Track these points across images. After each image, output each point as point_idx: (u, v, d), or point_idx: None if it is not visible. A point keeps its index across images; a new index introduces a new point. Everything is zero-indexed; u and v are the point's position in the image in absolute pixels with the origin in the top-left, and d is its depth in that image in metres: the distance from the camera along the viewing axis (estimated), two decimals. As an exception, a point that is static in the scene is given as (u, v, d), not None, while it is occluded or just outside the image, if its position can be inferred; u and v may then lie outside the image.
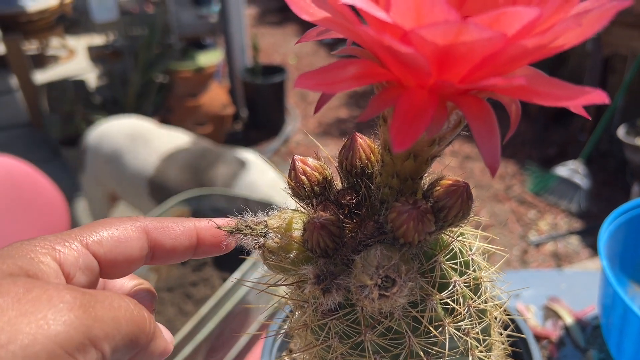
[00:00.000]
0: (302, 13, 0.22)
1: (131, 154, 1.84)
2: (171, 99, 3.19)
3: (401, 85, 0.22)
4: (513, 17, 0.17)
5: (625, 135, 2.58)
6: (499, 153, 0.20)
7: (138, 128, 1.95)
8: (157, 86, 3.13)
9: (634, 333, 0.63)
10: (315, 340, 0.30)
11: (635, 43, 2.62)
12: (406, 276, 0.25)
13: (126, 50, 3.12)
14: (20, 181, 1.19)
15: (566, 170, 2.71)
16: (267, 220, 0.29)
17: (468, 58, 0.18)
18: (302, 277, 0.28)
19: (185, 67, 3.08)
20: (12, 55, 3.48)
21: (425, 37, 0.18)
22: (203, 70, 3.11)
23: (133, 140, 1.88)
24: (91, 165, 1.98)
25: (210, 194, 1.29)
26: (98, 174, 1.99)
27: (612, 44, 2.76)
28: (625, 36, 2.68)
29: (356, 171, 0.30)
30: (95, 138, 1.97)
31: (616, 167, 3.02)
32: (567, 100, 0.19)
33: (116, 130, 1.95)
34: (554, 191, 2.78)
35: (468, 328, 0.30)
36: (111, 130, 1.95)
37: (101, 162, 1.94)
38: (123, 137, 1.89)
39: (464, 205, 0.27)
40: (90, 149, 1.97)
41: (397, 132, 0.19)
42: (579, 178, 2.66)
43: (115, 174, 1.89)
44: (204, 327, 0.90)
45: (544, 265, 2.42)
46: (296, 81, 0.19)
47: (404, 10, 0.18)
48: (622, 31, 2.69)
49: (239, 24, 3.30)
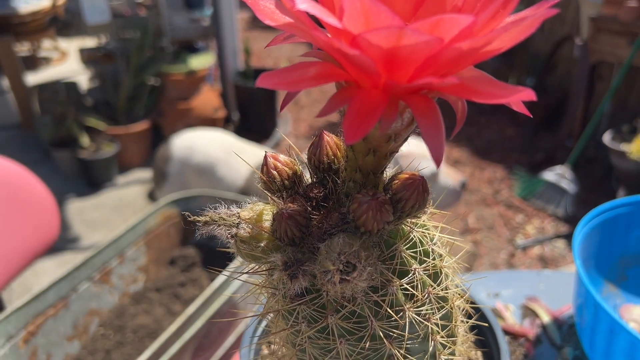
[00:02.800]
0: (266, 19, 0.24)
1: (226, 166, 1.91)
2: (163, 102, 3.20)
3: (357, 85, 0.24)
4: (450, 23, 0.19)
5: (611, 141, 2.62)
6: (443, 147, 0.22)
7: (229, 141, 2.03)
8: (148, 89, 3.15)
9: (605, 330, 0.65)
10: (285, 325, 0.32)
11: (621, 51, 2.67)
12: (365, 262, 0.27)
13: (118, 53, 3.13)
14: (11, 181, 1.20)
15: (553, 175, 2.75)
16: (239, 212, 0.31)
17: (411, 60, 0.20)
18: (271, 264, 0.30)
19: (177, 70, 3.09)
20: (3, 56, 3.48)
21: (370, 41, 0.20)
22: (195, 74, 3.13)
23: (227, 153, 1.95)
24: (178, 175, 2.04)
25: (198, 196, 1.30)
26: (185, 184, 2.02)
27: (599, 51, 2.80)
28: (612, 44, 2.72)
29: (323, 166, 0.32)
30: (183, 150, 2.03)
31: (602, 172, 3.07)
32: (502, 98, 0.21)
33: (208, 142, 2.01)
34: (541, 196, 2.81)
35: (429, 314, 0.32)
36: (202, 143, 2.02)
37: (191, 172, 1.99)
38: (217, 149, 1.96)
39: (420, 197, 0.29)
40: (177, 160, 2.02)
41: (348, 127, 0.21)
42: (566, 183, 2.70)
43: (207, 184, 1.95)
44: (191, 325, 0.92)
45: (531, 268, 2.45)
46: (258, 80, 0.21)
47: (354, 16, 0.20)
48: (609, 39, 2.74)
49: (231, 28, 3.32)
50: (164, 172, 2.07)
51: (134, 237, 1.20)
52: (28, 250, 1.20)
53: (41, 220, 1.26)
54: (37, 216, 1.26)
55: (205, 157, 1.96)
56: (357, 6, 0.20)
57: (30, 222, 1.23)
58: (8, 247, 1.16)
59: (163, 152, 2.12)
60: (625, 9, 2.61)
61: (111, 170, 3.00)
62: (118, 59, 3.15)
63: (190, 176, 2.00)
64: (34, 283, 2.26)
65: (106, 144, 2.97)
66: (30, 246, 1.21)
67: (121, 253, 1.17)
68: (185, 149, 2.03)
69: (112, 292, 1.15)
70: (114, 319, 1.13)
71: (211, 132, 2.12)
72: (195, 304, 0.93)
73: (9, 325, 0.93)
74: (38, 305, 0.99)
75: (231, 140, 2.05)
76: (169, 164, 2.05)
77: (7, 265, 1.14)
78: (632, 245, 0.84)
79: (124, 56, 3.13)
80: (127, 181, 3.08)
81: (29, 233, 1.23)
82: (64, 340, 1.04)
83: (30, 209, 1.24)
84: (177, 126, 3.18)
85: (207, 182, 1.96)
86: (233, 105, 3.52)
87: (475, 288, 0.92)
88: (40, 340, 0.98)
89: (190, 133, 2.13)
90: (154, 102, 3.22)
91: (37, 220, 1.25)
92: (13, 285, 2.07)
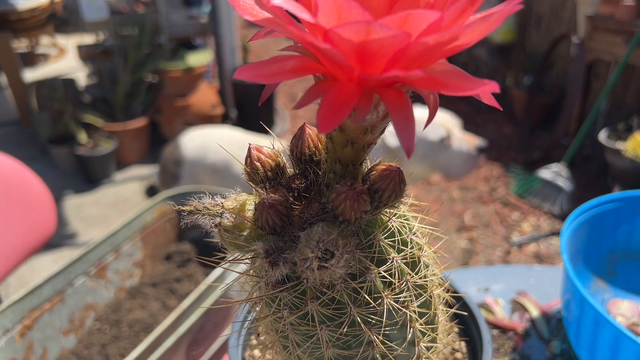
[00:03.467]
0: (245, 14, 0.25)
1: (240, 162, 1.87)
2: (160, 99, 3.21)
3: (334, 78, 0.25)
4: (418, 19, 0.20)
5: (606, 139, 2.63)
6: (414, 138, 0.23)
7: (240, 137, 1.99)
8: (146, 86, 3.15)
9: (590, 324, 0.66)
10: (269, 312, 0.32)
11: (617, 49, 2.68)
12: (343, 249, 0.28)
13: (116, 50, 3.14)
14: (8, 177, 1.21)
15: (549, 173, 2.76)
16: (223, 202, 0.32)
17: (381, 53, 0.21)
18: (254, 253, 0.31)
19: (175, 67, 3.09)
20: (1, 53, 3.48)
21: (341, 35, 0.21)
22: (193, 71, 3.13)
23: (241, 149, 1.92)
24: (190, 176, 2.00)
25: (195, 191, 1.31)
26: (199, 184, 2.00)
27: (596, 49, 2.81)
28: (608, 42, 2.73)
29: (305, 158, 0.33)
30: (195, 150, 1.99)
31: (598, 170, 3.08)
32: (468, 90, 0.22)
33: (220, 140, 1.98)
34: (537, 193, 2.82)
35: (407, 301, 0.33)
36: (212, 142, 1.98)
37: (205, 173, 1.96)
38: (231, 147, 1.93)
39: (397, 187, 0.30)
40: (190, 161, 1.99)
41: (322, 117, 0.22)
42: (562, 181, 2.71)
43: (222, 182, 1.93)
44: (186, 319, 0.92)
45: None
46: (236, 72, 0.22)
47: (327, 12, 0.21)
48: (605, 37, 2.75)
49: (229, 25, 3.33)
50: (175, 175, 2.03)
51: (130, 232, 1.21)
52: (24, 246, 1.21)
53: (38, 215, 1.27)
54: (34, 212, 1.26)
55: (218, 155, 1.93)
56: (330, 2, 0.20)
57: (26, 218, 1.24)
58: (4, 242, 1.16)
59: (172, 153, 2.06)
60: (621, 7, 2.62)
61: (109, 167, 3.01)
62: (116, 56, 3.15)
63: (203, 176, 1.97)
64: (30, 279, 2.27)
65: (104, 140, 2.98)
66: (26, 242, 1.22)
67: (117, 248, 1.18)
68: (197, 149, 1.99)
69: (108, 287, 1.16)
70: (109, 313, 1.14)
71: (219, 129, 2.09)
72: (190, 298, 0.94)
73: (5, 319, 0.93)
74: (34, 300, 0.99)
75: (242, 135, 2.02)
76: (180, 166, 2.00)
77: (4, 261, 1.15)
78: (620, 241, 0.85)
79: (121, 53, 3.13)
80: (125, 178, 3.09)
81: (25, 229, 1.23)
82: (60, 334, 1.05)
83: (26, 204, 1.25)
84: (175, 123, 3.19)
85: (221, 180, 1.93)
86: (231, 102, 3.53)
87: (466, 283, 0.93)
88: (36, 334, 0.99)
89: (198, 131, 2.08)
90: (151, 99, 3.23)
91: (34, 215, 1.26)
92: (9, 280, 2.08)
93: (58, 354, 1.04)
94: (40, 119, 3.04)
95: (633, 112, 2.93)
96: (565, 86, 3.47)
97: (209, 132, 2.06)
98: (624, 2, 2.60)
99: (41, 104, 3.11)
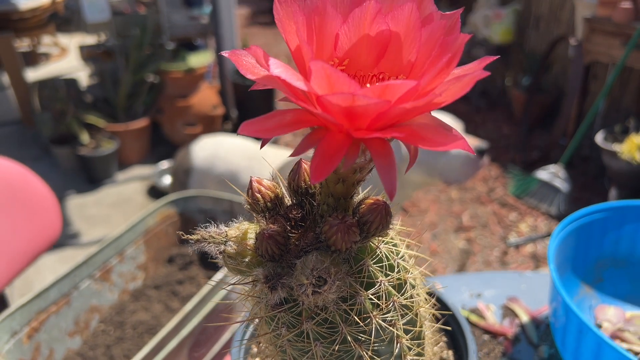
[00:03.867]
0: (248, 73, 0.28)
1: (250, 173, 1.86)
2: (162, 99, 3.24)
3: (326, 129, 0.28)
4: (395, 88, 0.24)
5: (603, 141, 2.66)
6: (395, 182, 0.26)
7: (249, 147, 2.00)
8: (148, 86, 3.18)
9: (574, 331, 0.69)
10: (268, 329, 0.36)
11: (615, 51, 2.70)
12: (335, 277, 0.31)
13: (118, 50, 3.17)
14: (14, 182, 1.24)
15: (547, 174, 2.79)
16: (227, 230, 0.35)
17: (366, 115, 0.25)
18: (255, 278, 0.34)
19: (176, 68, 3.12)
20: (3, 52, 3.51)
21: (331, 101, 0.24)
22: (194, 71, 3.16)
23: (249, 159, 1.94)
24: (198, 186, 2.01)
25: (197, 196, 1.35)
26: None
27: (593, 51, 2.84)
28: (606, 44, 2.76)
29: (301, 191, 0.36)
30: (205, 160, 2.00)
31: (596, 171, 3.11)
32: (443, 145, 0.25)
33: (229, 150, 1.99)
34: (534, 194, 2.85)
35: (394, 320, 0.36)
36: (224, 151, 1.99)
37: (213, 182, 1.97)
38: (239, 157, 1.95)
39: (383, 220, 0.33)
40: (199, 171, 2.00)
41: (314, 169, 0.25)
42: (559, 182, 2.74)
43: (231, 192, 1.94)
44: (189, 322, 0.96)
45: (523, 266, 2.50)
46: (240, 128, 0.25)
47: (319, 80, 0.24)
48: (603, 39, 2.77)
49: (229, 26, 3.35)
50: (184, 184, 2.04)
51: (134, 236, 1.24)
52: (31, 249, 1.25)
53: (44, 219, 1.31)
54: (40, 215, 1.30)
55: (227, 165, 1.94)
56: (321, 72, 0.24)
57: (33, 221, 1.27)
58: (12, 245, 1.20)
59: (183, 162, 2.08)
60: (619, 10, 2.64)
61: (111, 167, 3.04)
62: (117, 57, 3.18)
63: (211, 186, 1.98)
64: (34, 279, 2.30)
65: (106, 141, 3.01)
66: (33, 245, 1.25)
67: (121, 252, 1.21)
68: (207, 158, 2.00)
69: (112, 289, 1.19)
70: (114, 315, 1.17)
71: (230, 138, 2.09)
72: (193, 301, 0.97)
73: (13, 321, 0.97)
74: (41, 303, 1.02)
75: (251, 145, 2.03)
76: (190, 175, 2.02)
77: (12, 264, 1.18)
78: (608, 249, 0.89)
79: (123, 54, 3.16)
80: (127, 178, 3.12)
81: (32, 232, 1.27)
82: (65, 336, 1.08)
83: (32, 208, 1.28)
84: (176, 123, 3.22)
85: (229, 191, 1.94)
86: (231, 103, 3.56)
87: (459, 288, 0.96)
88: (43, 336, 1.02)
89: (209, 140, 2.09)
90: (153, 100, 3.26)
91: (40, 219, 1.29)
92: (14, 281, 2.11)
93: (64, 355, 1.07)
94: (42, 119, 3.07)
95: (630, 114, 2.96)
96: (564, 86, 3.50)
97: (220, 141, 2.07)
98: (621, 5, 2.62)
99: (43, 104, 3.15)
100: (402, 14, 0.28)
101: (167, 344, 0.90)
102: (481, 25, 3.79)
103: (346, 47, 0.29)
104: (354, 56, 0.29)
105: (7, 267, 1.17)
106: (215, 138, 2.11)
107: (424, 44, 0.27)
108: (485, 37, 3.77)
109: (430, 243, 2.61)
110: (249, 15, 6.91)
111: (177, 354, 0.94)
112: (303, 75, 0.28)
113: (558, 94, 3.55)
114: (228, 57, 0.28)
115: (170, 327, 0.92)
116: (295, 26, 0.27)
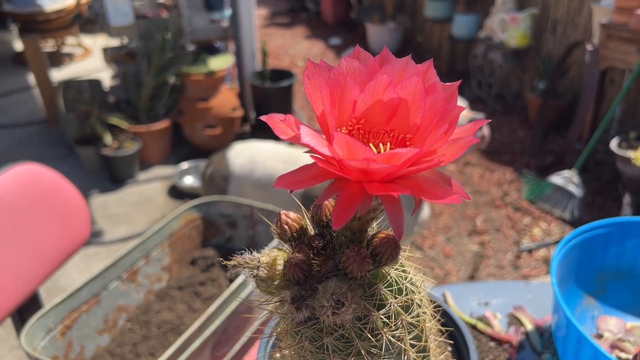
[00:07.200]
0: (281, 134, 0.34)
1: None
2: (183, 102, 3.32)
3: (346, 179, 0.34)
4: (401, 156, 0.29)
5: (617, 147, 2.68)
6: (402, 225, 0.32)
7: (284, 151, 2.08)
8: (169, 88, 3.26)
9: (574, 341, 0.74)
10: (293, 342, 0.42)
11: (630, 58, 2.71)
12: (351, 300, 0.37)
13: (140, 53, 3.25)
14: (48, 187, 1.32)
15: (561, 179, 2.81)
16: (259, 257, 0.41)
17: (378, 174, 0.30)
18: (282, 298, 0.40)
19: (197, 71, 3.20)
20: (29, 53, 3.61)
21: (350, 165, 0.29)
22: (214, 74, 3.23)
23: (284, 162, 2.01)
24: (237, 191, 2.07)
25: (218, 201, 1.41)
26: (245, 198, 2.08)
27: (609, 57, 2.85)
28: (621, 51, 2.77)
29: (323, 223, 0.42)
30: (243, 166, 2.06)
31: (610, 176, 3.12)
32: (441, 198, 0.31)
33: (266, 155, 2.06)
34: (548, 199, 2.88)
35: (402, 335, 0.42)
36: (261, 157, 2.06)
37: (251, 188, 2.04)
38: (275, 161, 2.02)
39: (393, 252, 0.39)
40: (238, 177, 2.06)
41: (336, 217, 0.31)
42: (573, 187, 2.76)
43: (266, 198, 2.01)
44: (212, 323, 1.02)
45: (536, 270, 2.53)
46: (275, 183, 0.31)
47: (340, 145, 0.30)
48: (619, 46, 2.78)
49: (249, 29, 3.42)
50: (222, 190, 2.09)
51: (159, 239, 1.31)
52: (63, 250, 1.32)
53: (74, 221, 1.38)
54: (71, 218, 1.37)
55: (265, 170, 2.00)
56: (342, 140, 0.29)
57: (65, 224, 1.34)
58: (46, 246, 1.27)
59: (220, 169, 2.12)
60: (635, 17, 2.65)
61: (133, 167, 3.14)
62: (140, 59, 3.26)
63: (249, 191, 2.03)
64: (60, 274, 2.39)
65: (128, 141, 3.10)
66: (65, 246, 1.33)
67: (147, 254, 1.28)
68: (244, 165, 2.05)
69: (138, 290, 1.26)
70: (140, 314, 1.24)
71: (263, 143, 2.15)
72: (216, 303, 1.03)
73: (48, 320, 1.04)
74: (73, 302, 1.09)
75: (284, 149, 2.09)
76: (228, 181, 2.07)
77: (46, 264, 1.26)
78: (610, 262, 0.93)
79: (145, 56, 3.25)
80: (148, 177, 3.21)
81: (64, 234, 1.34)
82: (95, 334, 1.15)
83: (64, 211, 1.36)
84: (196, 125, 3.30)
85: (266, 195, 2.00)
86: (250, 105, 3.63)
87: (468, 297, 1.01)
88: (75, 333, 1.09)
89: (244, 146, 2.14)
90: (174, 102, 3.34)
91: (71, 221, 1.37)
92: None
93: (94, 351, 1.14)
94: (67, 121, 3.17)
95: (646, 120, 2.96)
96: (579, 91, 3.50)
97: (257, 147, 2.12)
98: (638, 12, 2.63)
99: (68, 106, 3.24)
100: (410, 85, 0.33)
101: (192, 343, 0.96)
102: (498, 29, 3.81)
103: (363, 109, 0.35)
104: (369, 116, 0.35)
105: (42, 267, 1.25)
106: (247, 144, 2.17)
107: (428, 110, 0.33)
108: (502, 41, 3.79)
109: (444, 246, 2.65)
110: (267, 16, 6.97)
111: (200, 353, 1.00)
112: (325, 134, 0.33)
113: (573, 99, 3.55)
114: (265, 121, 0.34)
115: (195, 327, 0.98)
116: (320, 96, 0.32)
